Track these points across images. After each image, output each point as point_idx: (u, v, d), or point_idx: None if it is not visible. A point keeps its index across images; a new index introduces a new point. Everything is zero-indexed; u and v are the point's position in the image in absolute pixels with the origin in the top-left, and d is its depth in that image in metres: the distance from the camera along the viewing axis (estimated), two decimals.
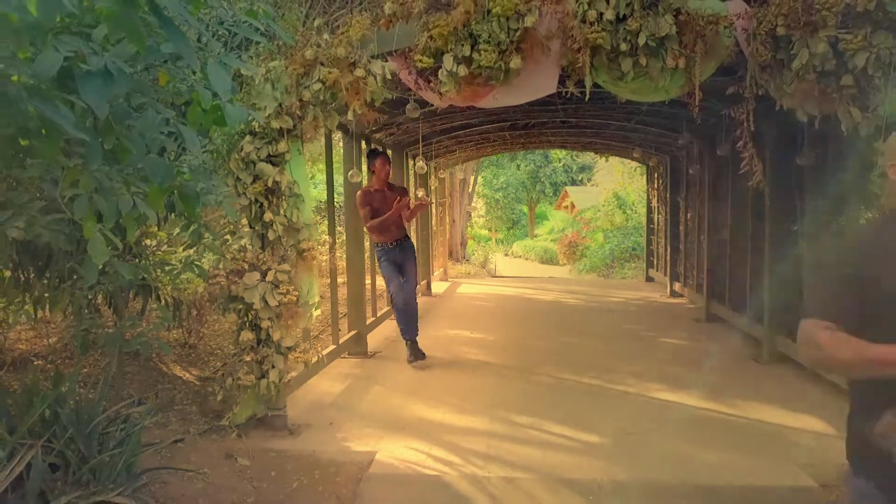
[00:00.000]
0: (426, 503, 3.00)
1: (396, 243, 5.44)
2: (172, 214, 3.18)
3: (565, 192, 31.45)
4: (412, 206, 5.38)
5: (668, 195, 9.30)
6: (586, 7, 3.28)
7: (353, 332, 5.60)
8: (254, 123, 3.35)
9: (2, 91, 1.02)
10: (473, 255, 16.47)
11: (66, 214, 2.75)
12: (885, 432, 1.43)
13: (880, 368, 1.44)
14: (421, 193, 6.36)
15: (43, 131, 1.30)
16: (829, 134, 4.37)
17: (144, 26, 1.27)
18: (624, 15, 3.28)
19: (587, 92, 3.41)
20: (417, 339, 5.56)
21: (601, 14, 3.28)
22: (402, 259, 5.50)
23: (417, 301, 5.79)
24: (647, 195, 11.14)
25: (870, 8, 3.04)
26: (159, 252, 3.92)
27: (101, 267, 3.19)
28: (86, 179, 1.64)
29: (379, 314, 6.52)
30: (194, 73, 1.87)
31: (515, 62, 3.37)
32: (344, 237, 5.91)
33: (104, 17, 0.97)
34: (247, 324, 3.53)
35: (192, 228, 2.93)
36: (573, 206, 28.98)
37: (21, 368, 4.15)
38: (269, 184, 3.46)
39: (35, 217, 2.42)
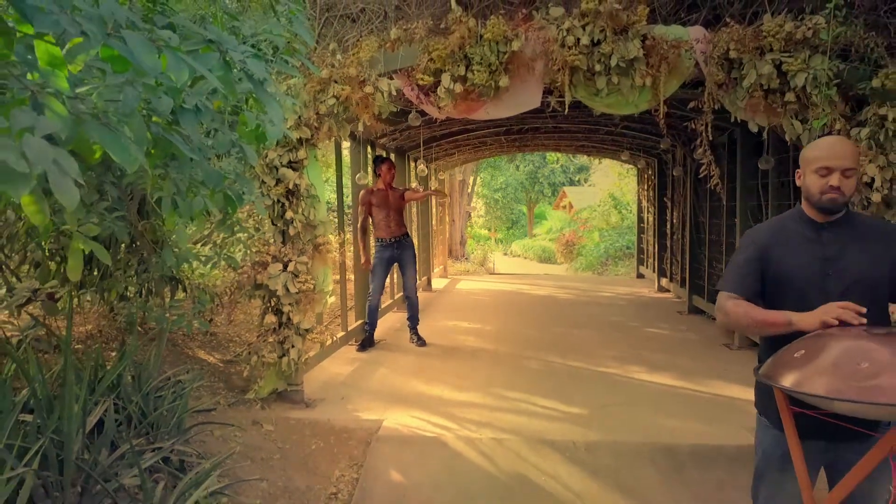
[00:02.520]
0: (426, 458, 3.51)
1: (394, 240, 5.94)
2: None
3: (563, 192, 31.97)
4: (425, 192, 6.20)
5: (655, 196, 9.81)
6: (565, 33, 3.78)
7: (359, 322, 6.11)
8: None
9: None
10: (473, 253, 16.98)
11: (124, 212, 3.28)
12: (766, 373, 1.93)
13: (765, 328, 1.95)
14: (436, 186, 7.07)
15: (152, 151, 1.80)
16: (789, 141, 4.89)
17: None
18: (598, 40, 3.78)
19: (566, 106, 3.93)
20: (419, 327, 6.09)
21: (578, 39, 3.78)
22: (399, 256, 6.01)
23: (418, 295, 6.32)
24: (638, 196, 11.65)
25: (808, 35, 3.56)
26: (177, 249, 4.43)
27: (140, 258, 3.71)
28: (168, 185, 2.14)
29: (383, 306, 7.02)
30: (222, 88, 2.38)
31: (504, 80, 3.88)
32: (351, 235, 6.41)
33: (216, 77, 1.46)
34: (270, 308, 4.03)
35: (227, 223, 3.44)
36: (571, 205, 29.51)
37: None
38: (290, 186, 3.96)
39: (104, 214, 2.95)
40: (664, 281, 9.52)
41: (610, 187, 20.56)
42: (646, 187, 10.76)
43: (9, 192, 0.81)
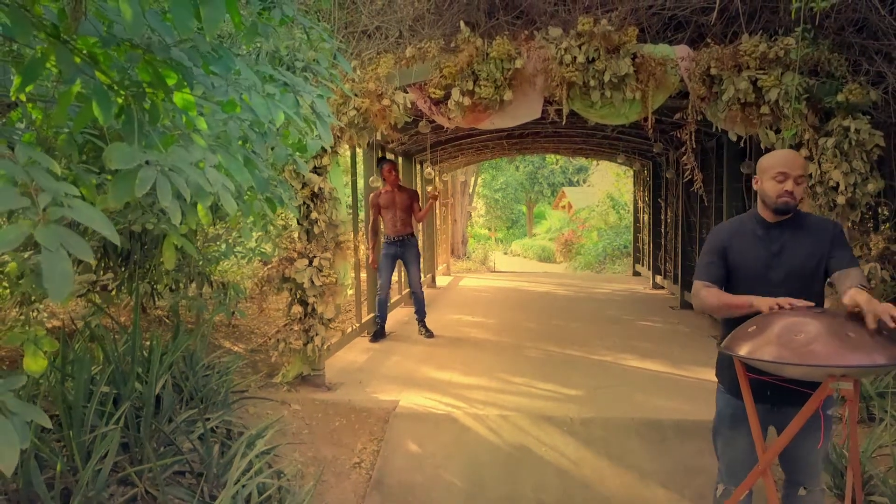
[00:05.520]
0: (439, 432, 3.95)
1: (398, 239, 6.36)
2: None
3: (562, 192, 32.40)
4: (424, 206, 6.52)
5: (650, 196, 10.24)
6: (563, 52, 4.21)
7: (371, 315, 6.54)
8: None
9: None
10: (474, 252, 17.43)
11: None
12: (726, 345, 2.35)
13: (732, 310, 2.38)
14: (430, 188, 7.42)
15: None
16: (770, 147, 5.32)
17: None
18: (593, 58, 4.21)
19: (564, 117, 4.36)
20: (426, 320, 6.52)
21: (574, 57, 4.20)
22: (402, 253, 6.43)
23: (424, 291, 6.75)
24: (634, 196, 12.09)
25: (780, 55, 3.99)
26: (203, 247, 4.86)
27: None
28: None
29: (393, 300, 7.45)
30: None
31: (508, 94, 4.31)
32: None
33: (293, 113, 1.89)
34: (296, 300, 4.46)
35: (262, 223, 3.87)
36: (570, 205, 29.94)
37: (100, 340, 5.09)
38: (315, 189, 4.39)
39: (160, 215, 3.37)
40: (658, 278, 9.95)
41: (608, 188, 21.00)
42: (641, 188, 11.19)
43: (200, 203, 1.23)
